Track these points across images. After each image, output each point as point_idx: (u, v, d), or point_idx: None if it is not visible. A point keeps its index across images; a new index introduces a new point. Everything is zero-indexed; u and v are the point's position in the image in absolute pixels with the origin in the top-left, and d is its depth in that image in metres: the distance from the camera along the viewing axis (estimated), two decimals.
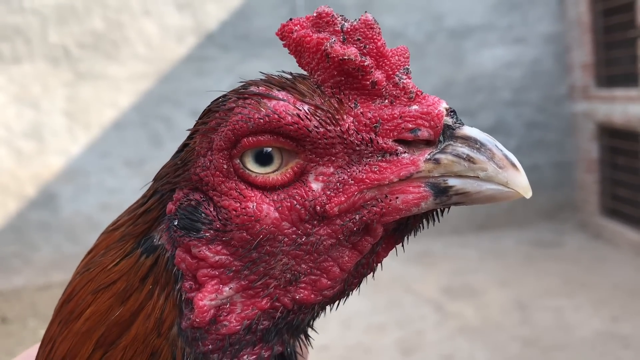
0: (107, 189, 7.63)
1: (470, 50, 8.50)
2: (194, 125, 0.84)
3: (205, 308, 0.79)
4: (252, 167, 0.79)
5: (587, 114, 8.22)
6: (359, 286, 0.87)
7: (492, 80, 8.56)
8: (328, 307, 0.87)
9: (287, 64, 0.85)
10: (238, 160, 0.79)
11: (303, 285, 0.81)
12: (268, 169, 0.79)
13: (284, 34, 0.83)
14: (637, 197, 7.17)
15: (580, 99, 8.40)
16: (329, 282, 0.81)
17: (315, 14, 0.81)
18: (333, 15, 0.80)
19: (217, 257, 0.79)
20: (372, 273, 0.87)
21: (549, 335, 5.29)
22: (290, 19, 0.83)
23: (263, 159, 0.79)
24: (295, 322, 0.83)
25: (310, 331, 0.90)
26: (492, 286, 6.54)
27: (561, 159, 8.78)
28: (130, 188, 7.46)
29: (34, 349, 0.91)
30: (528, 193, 0.76)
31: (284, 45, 0.83)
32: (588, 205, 8.42)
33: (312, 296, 0.81)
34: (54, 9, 7.34)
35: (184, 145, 0.85)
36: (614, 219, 7.82)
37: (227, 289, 0.80)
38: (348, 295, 0.87)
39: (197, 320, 0.78)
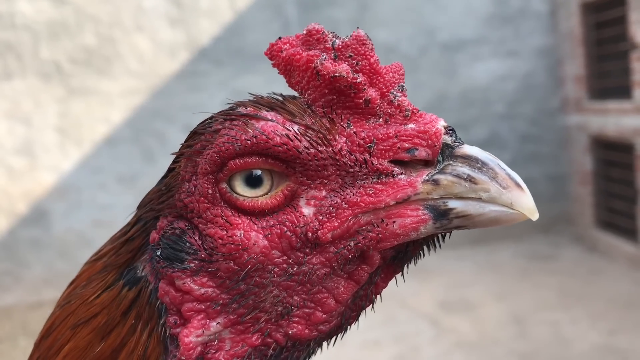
0: (99, 205, 7.55)
1: (463, 63, 8.50)
2: (180, 149, 0.79)
3: (192, 345, 0.74)
4: (241, 191, 0.74)
5: (581, 126, 8.22)
6: (357, 320, 0.81)
7: (485, 93, 8.56)
8: (325, 344, 0.81)
9: (280, 79, 0.81)
10: (225, 185, 0.74)
11: (296, 319, 0.75)
12: (258, 192, 0.74)
13: (272, 53, 0.79)
14: (632, 210, 7.15)
15: (573, 111, 8.40)
16: (324, 316, 0.76)
17: (305, 32, 0.77)
18: (323, 32, 0.76)
19: (202, 290, 0.74)
20: (371, 305, 0.81)
21: (546, 350, 5.23)
22: (280, 38, 0.79)
23: (252, 182, 0.74)
24: None
25: None
26: (488, 300, 6.49)
27: (555, 171, 8.76)
28: (122, 204, 7.37)
29: None
30: (534, 215, 0.71)
31: (274, 65, 0.79)
32: (583, 218, 8.39)
33: (307, 331, 0.76)
34: (45, 24, 7.30)
35: (169, 170, 0.80)
36: (609, 232, 7.79)
37: (214, 324, 0.75)
38: (346, 330, 0.81)
39: (182, 358, 0.73)
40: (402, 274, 0.81)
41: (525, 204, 0.71)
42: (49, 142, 7.40)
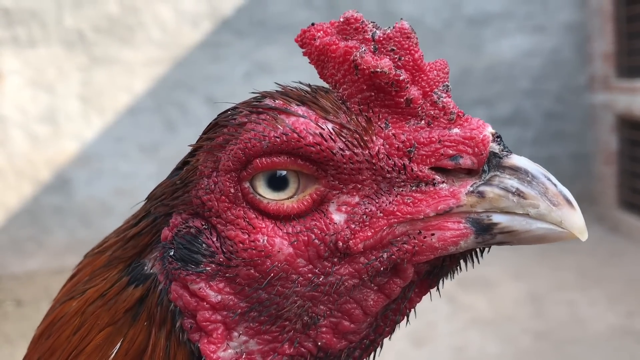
0: (121, 174, 7.59)
1: (489, 38, 8.32)
2: (197, 141, 0.73)
3: None
4: (264, 193, 0.68)
5: (607, 105, 8.04)
6: (391, 335, 0.75)
7: (510, 69, 8.40)
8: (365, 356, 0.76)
9: (301, 51, 0.75)
10: (248, 184, 0.68)
11: (324, 329, 0.70)
12: (282, 195, 0.68)
13: (304, 40, 0.72)
14: None
15: (600, 89, 8.22)
16: (352, 326, 0.70)
17: (342, 19, 0.70)
18: (363, 22, 0.69)
19: (219, 297, 0.69)
20: (405, 319, 0.76)
21: (562, 329, 5.19)
22: (313, 24, 0.72)
23: (276, 183, 0.68)
24: None
25: None
26: (506, 278, 6.44)
27: (579, 150, 8.61)
28: (144, 173, 7.41)
29: None
30: (584, 234, 0.67)
31: (304, 54, 0.72)
32: (605, 198, 8.26)
33: (335, 340, 0.70)
34: None
35: (184, 163, 0.74)
36: (632, 212, 7.65)
37: (235, 334, 0.70)
38: (380, 346, 0.76)
39: None
40: (438, 289, 0.76)
41: (576, 223, 0.67)
42: (72, 110, 7.43)
